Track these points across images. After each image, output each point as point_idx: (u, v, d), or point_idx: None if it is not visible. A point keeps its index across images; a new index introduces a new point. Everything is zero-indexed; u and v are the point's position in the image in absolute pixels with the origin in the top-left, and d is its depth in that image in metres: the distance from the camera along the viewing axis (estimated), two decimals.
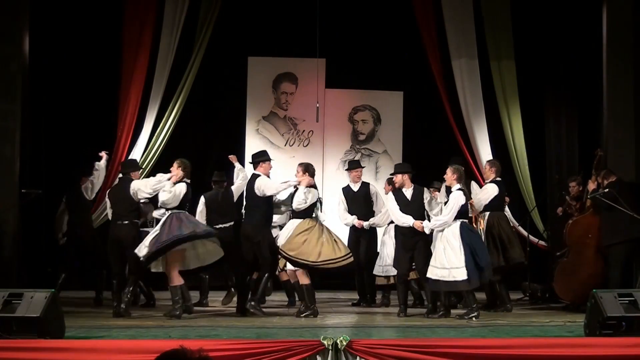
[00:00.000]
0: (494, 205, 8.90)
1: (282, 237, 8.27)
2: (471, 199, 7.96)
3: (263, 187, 8.18)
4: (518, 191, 11.05)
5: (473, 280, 7.79)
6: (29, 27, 9.80)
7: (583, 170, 10.06)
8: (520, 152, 11.04)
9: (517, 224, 10.79)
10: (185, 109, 10.79)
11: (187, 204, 8.24)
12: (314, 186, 8.31)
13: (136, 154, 10.53)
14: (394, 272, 8.79)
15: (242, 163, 11.37)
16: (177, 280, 7.97)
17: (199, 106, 11.46)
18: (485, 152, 10.91)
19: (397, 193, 8.56)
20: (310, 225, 8.15)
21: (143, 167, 10.40)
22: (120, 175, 8.90)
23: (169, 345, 3.02)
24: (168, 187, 8.01)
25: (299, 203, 8.17)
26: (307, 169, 8.30)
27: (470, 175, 9.50)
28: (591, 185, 8.92)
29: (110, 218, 8.57)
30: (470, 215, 8.49)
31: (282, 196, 8.48)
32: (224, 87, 11.72)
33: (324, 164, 11.50)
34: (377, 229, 9.49)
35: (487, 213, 8.85)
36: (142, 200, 8.46)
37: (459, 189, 7.98)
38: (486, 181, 9.16)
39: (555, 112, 11.72)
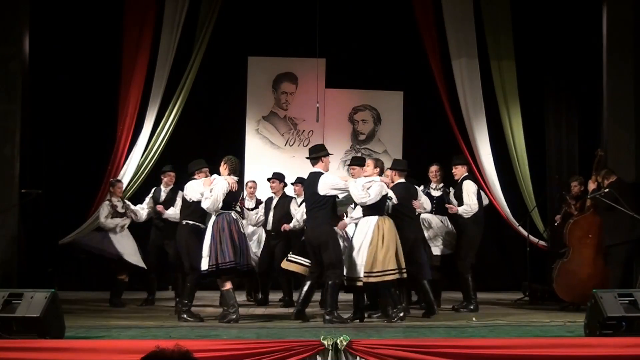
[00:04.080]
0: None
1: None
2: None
3: (330, 185, 7.58)
4: (518, 191, 11.07)
5: None
6: (29, 27, 9.81)
7: (584, 170, 10.06)
8: (520, 152, 11.04)
9: (517, 224, 10.81)
10: (185, 109, 10.78)
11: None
12: None
13: (136, 154, 10.53)
14: None
15: (243, 163, 11.44)
16: (229, 283, 7.68)
17: (199, 106, 11.45)
18: (485, 152, 10.91)
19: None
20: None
21: (143, 167, 10.43)
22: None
23: (163, 344, 3.01)
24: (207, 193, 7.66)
25: (358, 197, 7.58)
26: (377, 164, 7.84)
27: (471, 175, 9.47)
28: (591, 186, 8.92)
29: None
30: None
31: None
32: (224, 87, 11.71)
33: None
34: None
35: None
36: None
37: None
38: (460, 179, 9.05)
39: (555, 112, 11.73)
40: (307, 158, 7.94)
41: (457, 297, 9.36)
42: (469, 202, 8.82)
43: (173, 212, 9.17)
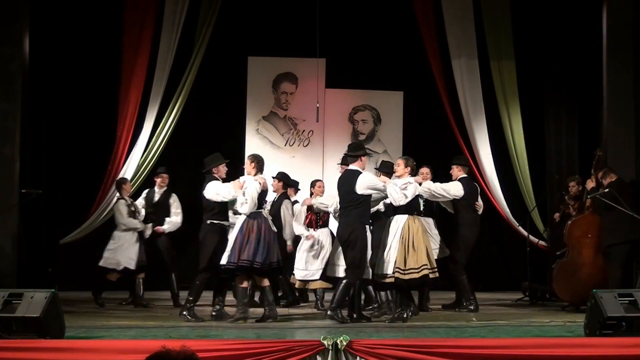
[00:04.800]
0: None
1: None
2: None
3: (368, 184, 7.60)
4: (518, 191, 11.07)
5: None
6: (29, 27, 9.81)
7: (584, 170, 10.06)
8: (520, 152, 11.05)
9: (517, 224, 10.82)
10: (185, 109, 10.79)
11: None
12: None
13: (136, 154, 10.54)
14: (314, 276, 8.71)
15: (242, 164, 11.41)
16: (246, 282, 7.68)
17: (199, 106, 11.45)
18: (485, 152, 10.92)
19: None
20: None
21: (143, 167, 10.44)
22: None
23: (169, 345, 3.01)
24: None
25: (397, 199, 7.57)
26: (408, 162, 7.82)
27: (470, 178, 9.44)
28: (590, 185, 8.91)
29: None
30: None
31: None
32: (224, 87, 11.71)
33: (324, 164, 11.51)
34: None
35: None
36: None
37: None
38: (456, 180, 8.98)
39: (555, 112, 11.72)
40: (346, 155, 7.95)
41: (445, 297, 9.33)
42: (438, 190, 8.50)
43: (169, 226, 9.36)
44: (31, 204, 9.44)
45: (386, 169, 8.41)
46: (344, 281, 7.50)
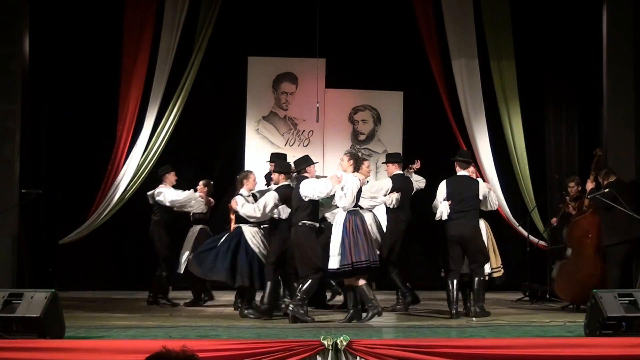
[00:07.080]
0: None
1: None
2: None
3: (484, 191, 8.35)
4: (518, 191, 11.07)
5: None
6: (29, 27, 9.81)
7: (584, 170, 10.07)
8: (520, 152, 11.04)
9: (517, 224, 10.82)
10: (185, 109, 10.78)
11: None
12: None
13: (136, 154, 10.53)
14: None
15: (242, 163, 11.43)
16: (363, 279, 7.55)
17: (199, 106, 11.43)
18: (485, 152, 10.92)
19: None
20: None
21: (143, 167, 10.44)
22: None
23: (169, 346, 3.01)
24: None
25: (494, 205, 8.49)
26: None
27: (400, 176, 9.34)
28: (589, 185, 8.91)
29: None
30: None
31: None
32: (224, 87, 11.71)
33: (324, 164, 11.49)
34: None
35: None
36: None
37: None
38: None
39: (555, 112, 11.73)
40: (460, 161, 8.31)
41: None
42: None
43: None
44: (31, 204, 9.45)
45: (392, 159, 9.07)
46: (477, 279, 8.08)
